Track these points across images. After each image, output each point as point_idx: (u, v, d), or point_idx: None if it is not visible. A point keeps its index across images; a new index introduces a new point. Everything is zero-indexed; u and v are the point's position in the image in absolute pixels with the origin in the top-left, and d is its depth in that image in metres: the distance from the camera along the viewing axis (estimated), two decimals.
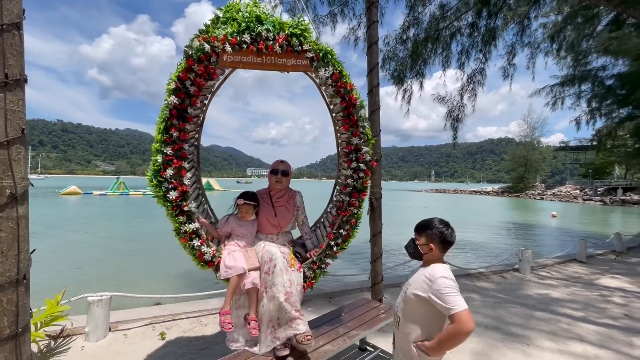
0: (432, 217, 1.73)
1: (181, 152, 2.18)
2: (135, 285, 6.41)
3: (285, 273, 2.23)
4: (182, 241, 2.24)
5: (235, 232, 2.46)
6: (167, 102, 2.10)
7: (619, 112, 10.24)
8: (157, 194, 2.16)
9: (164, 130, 2.12)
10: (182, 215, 2.21)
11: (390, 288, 5.08)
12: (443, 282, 1.50)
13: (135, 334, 3.39)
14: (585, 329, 3.89)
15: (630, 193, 39.86)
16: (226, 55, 2.23)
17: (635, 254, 8.99)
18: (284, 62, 2.39)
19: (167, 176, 2.13)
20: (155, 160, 2.12)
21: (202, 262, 2.31)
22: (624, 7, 6.31)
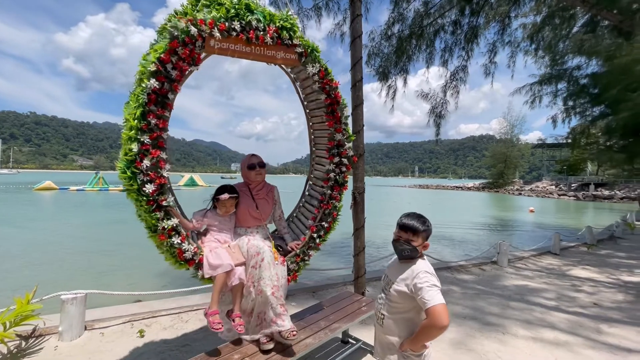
0: (419, 215, 1.72)
1: (159, 142, 2.00)
2: (113, 282, 6.23)
3: (272, 267, 2.24)
4: (158, 239, 2.04)
5: (213, 227, 2.39)
6: (145, 86, 1.90)
7: (592, 110, 10.64)
8: (130, 188, 1.94)
9: (140, 117, 1.92)
10: (159, 211, 2.02)
11: (373, 281, 5.14)
12: (424, 277, 1.54)
13: (112, 332, 3.29)
14: (557, 317, 4.07)
15: (601, 189, 41.84)
16: (213, 40, 2.13)
17: (605, 246, 9.46)
18: (273, 55, 2.38)
19: (143, 167, 1.93)
20: (128, 150, 1.90)
21: (182, 260, 2.14)
22: (598, 9, 6.54)
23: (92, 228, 12.79)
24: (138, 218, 2.10)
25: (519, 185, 57.39)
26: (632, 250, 8.90)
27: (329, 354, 2.91)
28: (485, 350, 3.19)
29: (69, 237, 10.99)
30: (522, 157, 66.52)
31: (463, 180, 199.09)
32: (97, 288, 3.87)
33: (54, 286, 5.35)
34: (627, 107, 5.89)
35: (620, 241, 10.43)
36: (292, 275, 2.66)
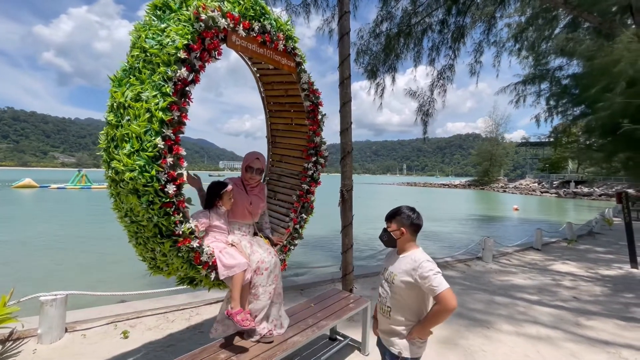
0: (400, 205, 1.83)
1: (177, 137, 1.82)
2: (97, 283, 6.08)
3: (272, 273, 2.35)
4: (175, 246, 1.88)
5: (214, 228, 2.34)
6: (172, 73, 1.70)
7: (573, 110, 10.93)
8: (147, 189, 1.71)
9: (166, 108, 1.71)
10: (177, 213, 1.84)
11: (361, 278, 5.17)
12: (428, 265, 1.61)
13: (95, 333, 3.21)
14: (539, 312, 4.19)
15: (581, 186, 43.19)
16: (236, 36, 2.11)
17: (584, 242, 9.78)
18: (279, 59, 2.58)
19: (167, 166, 1.73)
20: (152, 145, 1.67)
21: (198, 264, 2.04)
22: (579, 11, 6.72)
23: (73, 226, 12.43)
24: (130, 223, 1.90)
25: (503, 183, 58.69)
26: (610, 245, 9.23)
27: (317, 351, 2.92)
28: (470, 345, 3.25)
29: (49, 235, 10.65)
30: (507, 155, 68.05)
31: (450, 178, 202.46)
32: (80, 289, 3.76)
33: (33, 287, 5.18)
34: (605, 107, 6.08)
35: (598, 236, 10.80)
36: (282, 264, 2.84)
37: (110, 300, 4.15)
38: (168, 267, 2.03)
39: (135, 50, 1.81)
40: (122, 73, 1.85)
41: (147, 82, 1.71)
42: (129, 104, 1.71)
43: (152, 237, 1.87)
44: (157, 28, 1.82)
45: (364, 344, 3.00)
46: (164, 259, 1.98)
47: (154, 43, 1.75)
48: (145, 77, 1.72)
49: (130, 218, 1.89)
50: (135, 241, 2.01)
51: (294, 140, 3.26)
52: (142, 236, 1.92)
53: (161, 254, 1.93)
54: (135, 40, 1.84)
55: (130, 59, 1.83)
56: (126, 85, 1.77)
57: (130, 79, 1.77)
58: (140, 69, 1.76)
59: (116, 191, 1.85)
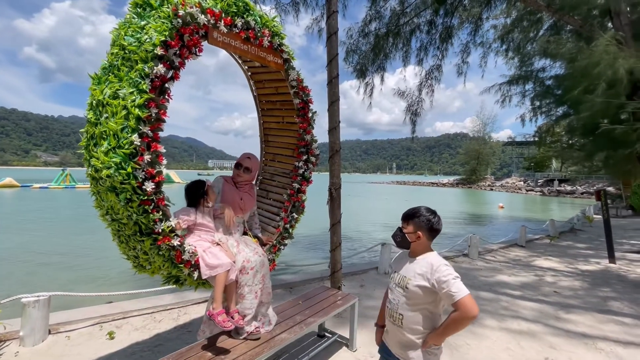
0: (419, 206, 1.69)
1: (156, 134, 1.82)
2: (81, 283, 5.96)
3: (259, 272, 2.35)
4: (156, 243, 1.87)
5: (199, 227, 2.31)
6: (149, 70, 1.70)
7: (556, 110, 11.23)
8: (124, 187, 1.70)
9: (142, 105, 1.70)
10: (157, 211, 1.83)
11: (349, 276, 5.23)
12: (446, 270, 1.50)
13: (79, 335, 3.16)
14: (522, 306, 4.31)
15: (564, 184, 44.41)
16: (217, 33, 2.10)
17: (566, 238, 10.09)
18: (265, 56, 2.56)
19: (144, 163, 1.73)
20: (127, 142, 1.66)
21: (180, 263, 2.03)
22: (561, 14, 6.91)
23: (55, 226, 12.12)
24: (111, 221, 1.91)
25: (490, 182, 59.86)
26: (590, 241, 9.55)
27: (305, 348, 2.94)
28: (454, 339, 3.33)
29: (31, 236, 10.36)
30: (494, 154, 69.40)
31: (438, 176, 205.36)
32: (64, 289, 3.69)
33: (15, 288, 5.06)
34: (585, 108, 6.28)
35: (579, 233, 11.16)
36: (271, 264, 2.82)
37: (96, 301, 4.08)
38: (151, 265, 2.02)
39: (115, 47, 1.81)
40: (102, 71, 1.85)
41: (124, 80, 1.71)
42: (107, 101, 1.71)
43: (133, 235, 1.87)
44: (137, 25, 1.81)
45: (352, 340, 3.04)
46: (146, 257, 1.97)
47: (133, 40, 1.75)
48: (124, 75, 1.72)
49: (111, 216, 1.90)
50: (118, 239, 2.02)
51: (286, 139, 3.25)
52: (123, 234, 1.92)
53: (142, 252, 1.93)
54: (116, 38, 1.84)
55: (110, 56, 1.83)
56: (105, 83, 1.77)
57: (109, 77, 1.77)
58: (119, 67, 1.76)
59: (97, 189, 1.86)
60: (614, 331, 3.62)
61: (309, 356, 2.79)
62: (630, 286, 5.26)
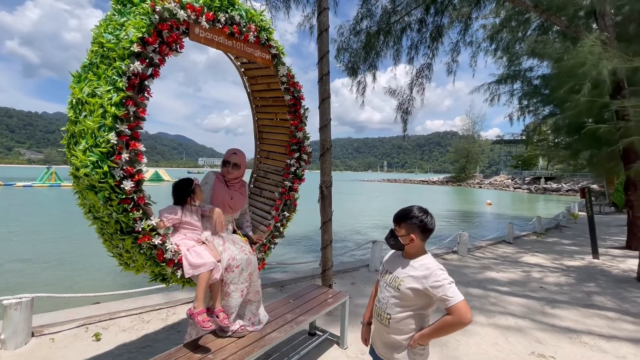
0: (411, 206, 1.63)
1: (136, 132, 1.79)
2: (67, 284, 5.82)
3: (244, 271, 2.31)
4: (137, 242, 1.86)
5: (185, 225, 2.27)
6: (125, 68, 1.67)
7: (543, 109, 11.48)
8: (102, 185, 1.69)
9: (119, 103, 1.68)
10: (137, 210, 1.83)
11: (340, 274, 5.23)
12: (442, 275, 1.47)
13: (64, 337, 3.08)
14: (510, 302, 4.39)
15: (550, 182, 45.44)
16: (199, 28, 2.06)
17: (552, 235, 10.32)
18: (252, 52, 2.52)
19: (122, 162, 1.72)
20: (103, 141, 1.65)
21: (162, 261, 2.01)
22: (548, 14, 7.02)
23: (39, 226, 11.81)
24: (93, 219, 1.91)
25: (479, 179, 60.83)
26: (574, 238, 9.79)
27: (296, 346, 2.93)
28: (444, 337, 3.36)
29: (15, 235, 10.07)
30: (483, 152, 70.58)
31: (429, 174, 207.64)
32: (48, 291, 3.60)
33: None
34: (570, 107, 6.41)
35: (565, 229, 11.43)
36: (260, 264, 2.80)
37: (81, 302, 3.99)
38: (134, 263, 2.01)
39: (95, 45, 1.78)
40: (82, 69, 1.83)
41: (102, 78, 1.69)
42: (86, 99, 1.69)
43: (114, 234, 1.86)
44: (117, 22, 1.79)
45: (343, 338, 3.04)
46: (129, 255, 1.96)
47: (111, 38, 1.72)
48: (102, 73, 1.70)
49: (93, 214, 1.89)
50: (102, 237, 2.01)
51: (279, 136, 3.21)
52: (106, 232, 1.91)
53: (124, 250, 1.92)
54: (96, 35, 1.81)
55: (90, 54, 1.80)
56: (85, 81, 1.75)
57: (88, 75, 1.75)
58: (98, 65, 1.73)
59: (78, 188, 1.85)
60: (598, 325, 3.71)
61: (299, 355, 2.78)
62: (613, 281, 5.41)
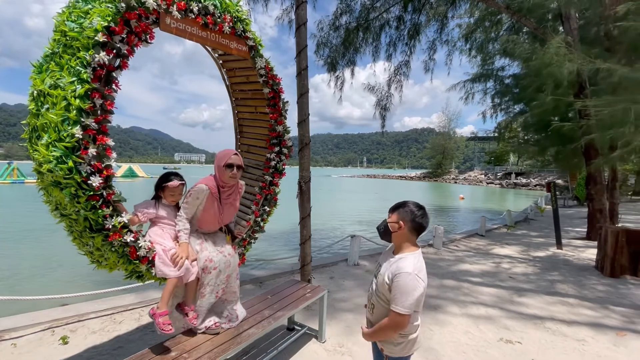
0: (407, 200, 1.68)
1: (103, 126, 1.72)
2: (32, 286, 5.51)
3: (222, 273, 2.23)
4: (107, 239, 1.79)
5: (161, 220, 2.20)
6: (90, 58, 1.59)
7: (514, 108, 11.99)
8: (68, 181, 1.61)
9: (84, 96, 1.60)
10: (106, 207, 1.77)
11: (319, 269, 5.27)
12: (406, 279, 1.46)
13: (27, 342, 2.91)
14: (481, 292, 4.58)
15: (520, 177, 47.65)
16: (170, 18, 1.98)
17: (521, 227, 10.85)
18: (227, 43, 2.45)
19: (88, 157, 1.64)
20: (67, 135, 1.57)
21: (135, 259, 1.96)
22: (519, 16, 7.31)
23: (4, 225, 11.07)
24: (61, 217, 1.82)
25: (454, 175, 62.82)
26: (541, 230, 10.34)
27: (275, 342, 2.93)
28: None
29: None
30: (458, 149, 72.92)
31: (407, 170, 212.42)
32: (9, 293, 3.39)
33: None
34: (537, 106, 6.74)
35: (532, 222, 12.04)
36: (241, 258, 2.78)
37: (48, 305, 3.79)
38: (106, 261, 1.93)
39: (57, 34, 1.68)
40: (44, 59, 1.72)
41: (65, 68, 1.60)
42: (48, 91, 1.59)
43: (84, 231, 1.77)
44: (81, 10, 1.69)
45: (321, 332, 3.07)
46: (100, 253, 1.89)
47: (75, 26, 1.62)
48: (64, 63, 1.60)
49: (59, 212, 1.80)
50: (71, 236, 1.92)
51: (259, 130, 3.19)
52: (75, 230, 1.82)
53: (95, 248, 1.84)
54: (58, 23, 1.70)
55: (52, 43, 1.70)
56: (46, 72, 1.65)
57: (50, 65, 1.64)
58: (60, 54, 1.63)
59: (43, 184, 1.75)
60: (560, 311, 3.95)
61: (278, 350, 2.78)
62: (574, 269, 5.78)
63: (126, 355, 2.59)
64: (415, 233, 1.60)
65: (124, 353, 2.75)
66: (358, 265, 5.62)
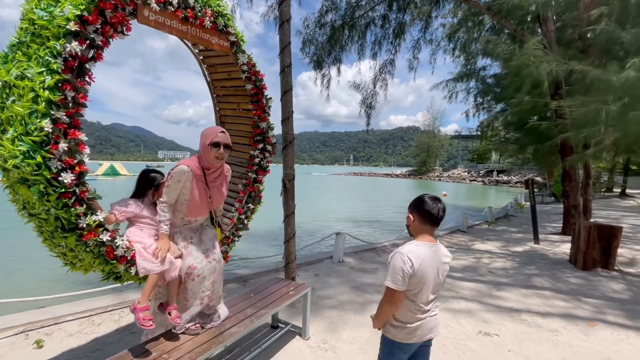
0: (424, 194, 1.75)
1: (75, 120, 1.65)
2: (2, 288, 5.28)
3: (207, 279, 2.18)
4: (82, 239, 1.72)
5: (140, 217, 2.16)
6: (60, 48, 1.51)
7: (495, 107, 12.32)
8: (36, 178, 1.53)
9: (54, 87, 1.52)
10: (79, 205, 1.70)
11: (304, 266, 5.28)
12: (396, 257, 1.58)
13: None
14: (462, 287, 4.70)
15: (501, 174, 49.06)
16: (148, 11, 1.93)
17: (501, 223, 11.18)
18: (208, 38, 2.41)
19: (58, 152, 1.56)
20: (35, 128, 1.49)
21: (112, 259, 1.90)
22: (500, 17, 7.49)
23: None
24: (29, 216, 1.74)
25: (439, 173, 64.07)
26: (520, 225, 10.69)
27: (259, 339, 2.93)
28: None
29: None
30: (442, 147, 74.29)
31: (392, 168, 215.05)
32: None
33: None
34: (516, 105, 6.95)
35: (512, 218, 12.42)
36: (224, 257, 2.78)
37: (20, 308, 3.65)
38: (81, 262, 1.86)
39: (24, 22, 1.60)
40: (9, 48, 1.63)
41: (33, 58, 1.52)
42: (14, 82, 1.51)
43: (55, 231, 1.70)
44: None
45: (305, 329, 3.08)
46: (74, 254, 1.82)
47: (44, 14, 1.55)
48: (32, 53, 1.53)
49: (28, 211, 1.72)
50: (42, 236, 1.84)
51: (242, 127, 3.17)
52: (45, 230, 1.74)
53: (68, 249, 1.77)
54: (26, 11, 1.62)
55: (19, 32, 1.62)
56: (13, 62, 1.56)
57: (16, 55, 1.56)
58: (28, 44, 1.55)
59: (9, 182, 1.66)
60: (536, 304, 4.11)
61: (261, 348, 2.78)
62: (550, 263, 6.01)
63: (104, 357, 2.53)
64: (427, 224, 1.66)
65: (102, 355, 2.69)
66: (343, 262, 5.67)
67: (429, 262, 1.62)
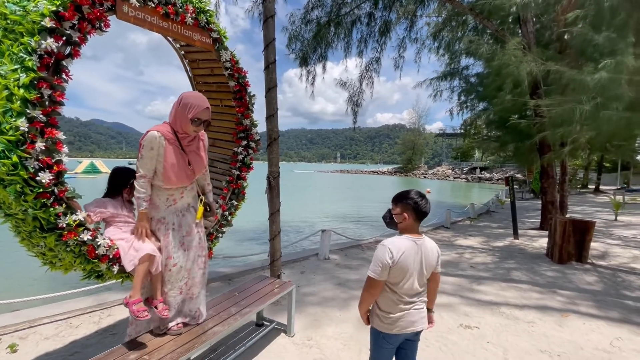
0: (409, 189, 1.79)
1: (53, 118, 1.61)
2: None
3: (183, 268, 2.16)
4: (62, 239, 1.69)
5: (117, 216, 2.12)
6: (35, 44, 1.46)
7: (478, 105, 12.59)
8: (13, 178, 1.49)
9: (29, 85, 1.48)
10: (59, 204, 1.66)
11: (290, 263, 5.28)
12: (379, 249, 1.66)
13: None
14: (445, 282, 4.80)
15: (484, 172, 50.28)
16: (127, 6, 1.89)
17: (483, 219, 11.49)
18: (190, 35, 2.37)
19: (36, 151, 1.52)
20: (12, 127, 1.45)
21: (94, 258, 1.87)
22: (482, 17, 7.65)
23: None
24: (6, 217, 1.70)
25: (424, 170, 65.09)
26: (501, 221, 11.01)
27: (243, 338, 2.92)
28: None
29: None
30: (427, 144, 75.64)
31: (379, 165, 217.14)
32: None
33: None
34: (497, 104, 7.14)
35: (494, 214, 12.78)
36: (207, 253, 2.68)
37: None
38: (61, 262, 1.82)
39: None
40: None
41: (6, 55, 1.47)
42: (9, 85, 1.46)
43: (33, 232, 1.67)
44: None
45: (290, 326, 3.09)
46: (53, 254, 1.78)
47: (17, 9, 1.49)
48: (5, 49, 1.47)
49: (4, 211, 1.67)
50: (19, 236, 1.80)
51: (225, 123, 3.15)
52: (23, 230, 1.71)
53: (47, 249, 1.74)
54: None
55: None
56: None
57: None
58: (0, 39, 1.49)
59: None
60: (514, 296, 4.25)
61: (246, 346, 2.78)
62: (528, 257, 6.22)
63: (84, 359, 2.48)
64: (418, 220, 1.74)
65: (81, 358, 2.63)
66: (328, 259, 5.70)
67: (411, 254, 1.66)
